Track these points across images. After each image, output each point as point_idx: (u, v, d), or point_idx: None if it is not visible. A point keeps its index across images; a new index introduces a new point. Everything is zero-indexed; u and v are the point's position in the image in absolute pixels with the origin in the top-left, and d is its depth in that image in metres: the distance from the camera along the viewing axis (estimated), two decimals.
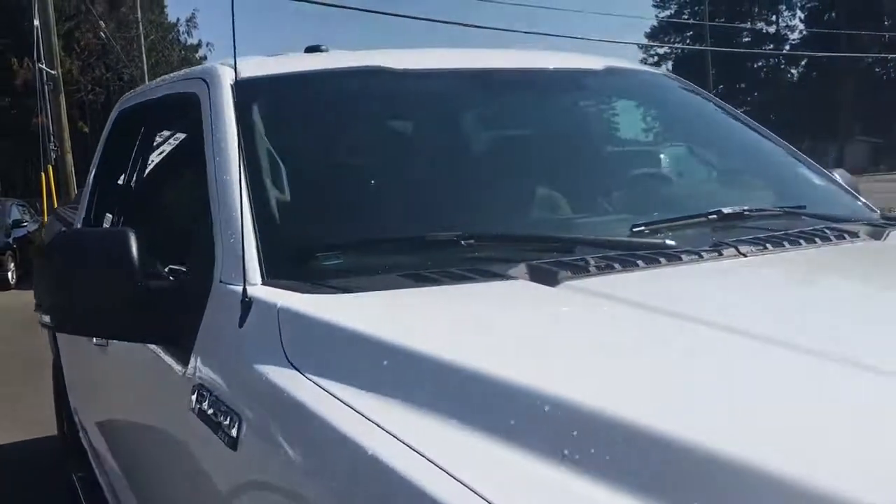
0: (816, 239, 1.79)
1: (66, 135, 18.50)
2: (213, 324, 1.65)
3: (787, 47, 55.48)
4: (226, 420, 1.45)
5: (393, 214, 1.88)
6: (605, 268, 1.55)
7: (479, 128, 2.31)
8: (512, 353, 1.24)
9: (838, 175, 2.58)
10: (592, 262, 1.57)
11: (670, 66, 63.09)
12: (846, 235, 1.85)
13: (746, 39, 54.92)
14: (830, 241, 1.80)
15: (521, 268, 1.55)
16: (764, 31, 55.31)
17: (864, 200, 2.35)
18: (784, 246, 1.74)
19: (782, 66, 57.12)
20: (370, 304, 1.47)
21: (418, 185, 1.99)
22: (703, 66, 49.47)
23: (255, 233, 1.67)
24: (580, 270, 1.53)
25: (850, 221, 2.00)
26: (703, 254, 1.66)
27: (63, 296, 1.70)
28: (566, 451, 0.96)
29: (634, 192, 2.16)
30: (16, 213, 15.76)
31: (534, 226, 1.90)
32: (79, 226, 3.26)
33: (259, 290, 1.55)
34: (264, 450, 1.34)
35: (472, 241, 1.69)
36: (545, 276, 1.51)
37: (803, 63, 54.86)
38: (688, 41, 57.55)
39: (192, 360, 1.67)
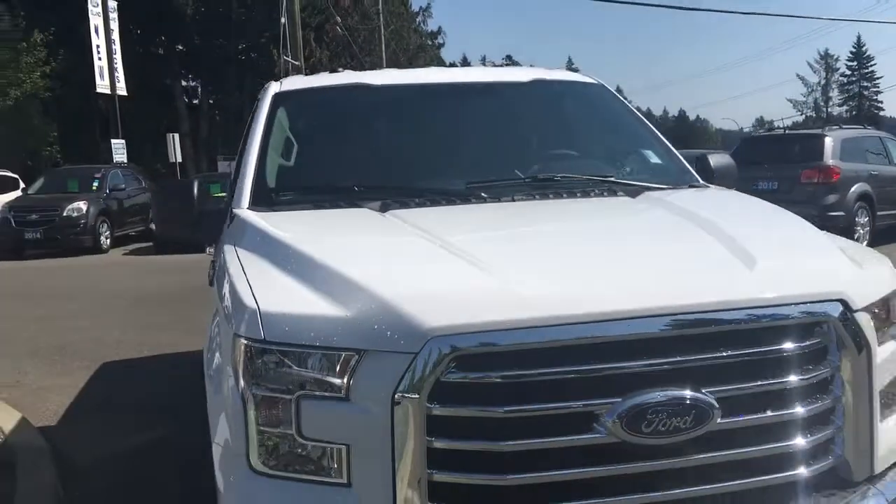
0: (578, 194, 2.78)
1: None
2: (224, 230, 2.99)
3: None
4: (212, 273, 2.80)
5: (327, 174, 3.13)
6: (420, 205, 2.70)
7: (409, 124, 3.44)
8: (322, 239, 2.45)
9: (715, 156, 3.43)
10: (416, 201, 2.71)
11: None
12: (606, 193, 2.81)
13: None
14: (589, 196, 2.79)
15: (376, 203, 2.73)
16: None
17: (696, 175, 3.20)
18: (549, 197, 2.76)
19: None
20: (278, 215, 2.73)
21: (350, 157, 3.21)
22: None
23: (253, 180, 3.00)
24: (404, 205, 2.68)
25: (631, 185, 2.91)
26: (488, 199, 2.74)
27: (160, 217, 3.12)
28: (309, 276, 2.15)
29: (497, 165, 3.19)
30: None
31: (406, 182, 3.02)
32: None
33: (242, 210, 2.87)
34: (216, 286, 2.66)
35: (362, 189, 2.89)
36: (383, 208, 2.68)
37: None
38: None
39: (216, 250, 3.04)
